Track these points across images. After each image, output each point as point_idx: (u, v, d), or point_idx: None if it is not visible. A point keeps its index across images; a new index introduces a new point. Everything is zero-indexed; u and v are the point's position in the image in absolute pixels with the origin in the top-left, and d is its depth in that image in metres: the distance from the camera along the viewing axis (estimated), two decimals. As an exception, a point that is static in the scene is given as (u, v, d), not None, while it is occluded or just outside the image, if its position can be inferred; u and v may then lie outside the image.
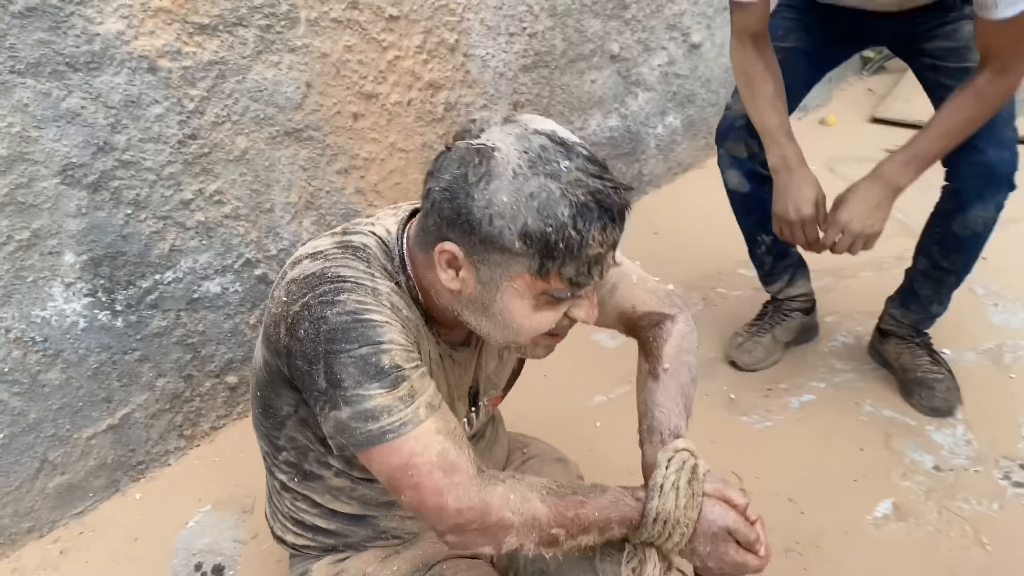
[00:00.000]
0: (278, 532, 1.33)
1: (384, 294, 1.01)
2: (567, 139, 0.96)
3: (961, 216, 1.81)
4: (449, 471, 0.97)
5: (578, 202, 0.92)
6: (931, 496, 1.79)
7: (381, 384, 0.96)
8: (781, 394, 2.12)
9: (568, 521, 1.01)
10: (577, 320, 1.04)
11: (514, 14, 2.38)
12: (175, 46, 1.59)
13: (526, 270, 0.95)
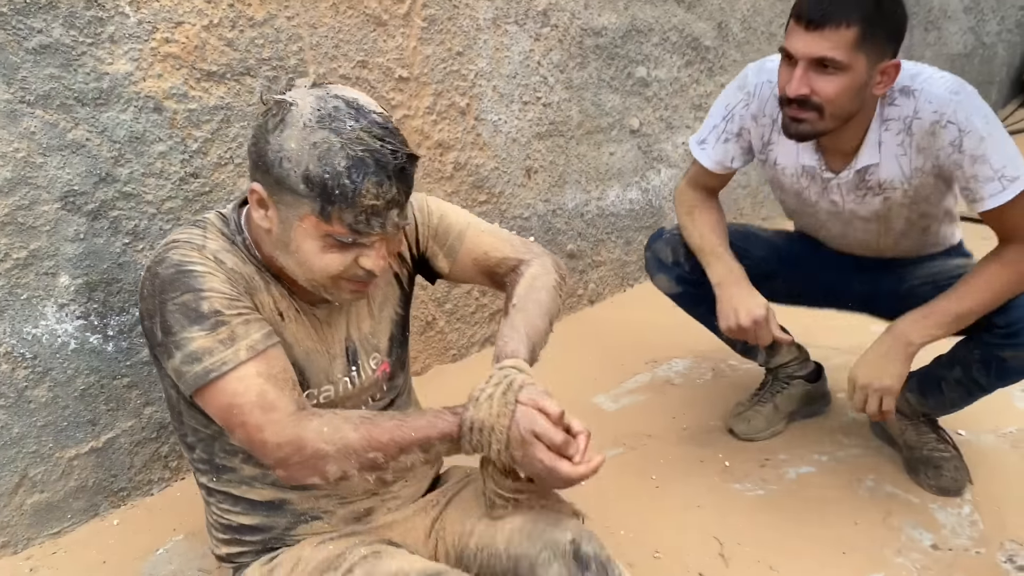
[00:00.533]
0: (215, 549, 1.36)
1: (211, 250, 1.15)
2: (364, 106, 1.10)
3: (1013, 351, 1.71)
4: (267, 409, 1.09)
5: (355, 155, 1.05)
6: (924, 573, 1.68)
7: (201, 327, 1.08)
8: (779, 464, 2.05)
9: (383, 445, 1.11)
10: (367, 268, 1.13)
11: (528, 84, 2.47)
12: (182, 89, 1.71)
13: (311, 212, 1.08)
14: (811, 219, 1.97)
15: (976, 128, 1.61)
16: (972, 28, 4.99)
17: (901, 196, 1.77)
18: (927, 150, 1.68)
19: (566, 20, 2.52)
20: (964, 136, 1.62)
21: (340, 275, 1.14)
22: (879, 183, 1.76)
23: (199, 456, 1.27)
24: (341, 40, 1.96)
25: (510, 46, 2.38)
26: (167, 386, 1.24)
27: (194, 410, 1.21)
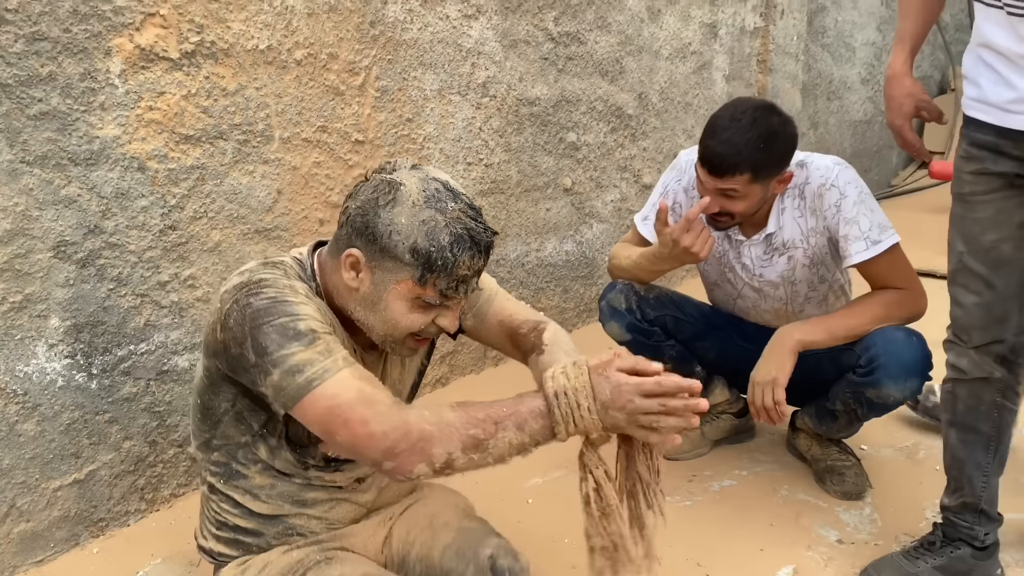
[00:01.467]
0: (202, 542, 1.51)
1: (301, 290, 1.28)
2: (456, 189, 1.29)
3: (875, 390, 1.98)
4: (369, 403, 1.17)
5: (456, 233, 1.23)
6: (831, 564, 1.91)
7: (300, 343, 1.20)
8: (704, 479, 2.28)
9: (480, 421, 1.18)
10: (442, 327, 1.32)
11: (471, 147, 2.74)
12: (163, 151, 1.91)
13: (410, 277, 1.25)
14: (729, 287, 2.25)
15: (851, 195, 1.97)
16: (870, 97, 5.50)
17: (802, 256, 2.08)
18: (817, 211, 2.02)
19: (503, 91, 2.80)
20: (843, 199, 1.97)
21: (416, 333, 1.31)
22: (783, 243, 2.08)
23: (217, 459, 1.41)
24: (304, 108, 2.19)
25: (454, 113, 2.64)
26: (215, 398, 1.34)
27: (239, 423, 1.35)
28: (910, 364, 1.94)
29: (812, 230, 2.05)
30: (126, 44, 1.80)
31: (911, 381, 1.95)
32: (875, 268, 2.00)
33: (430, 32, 2.50)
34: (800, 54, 4.39)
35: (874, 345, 1.96)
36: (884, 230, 1.97)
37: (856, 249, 1.97)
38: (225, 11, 1.97)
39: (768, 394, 1.95)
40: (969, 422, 1.76)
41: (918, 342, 1.96)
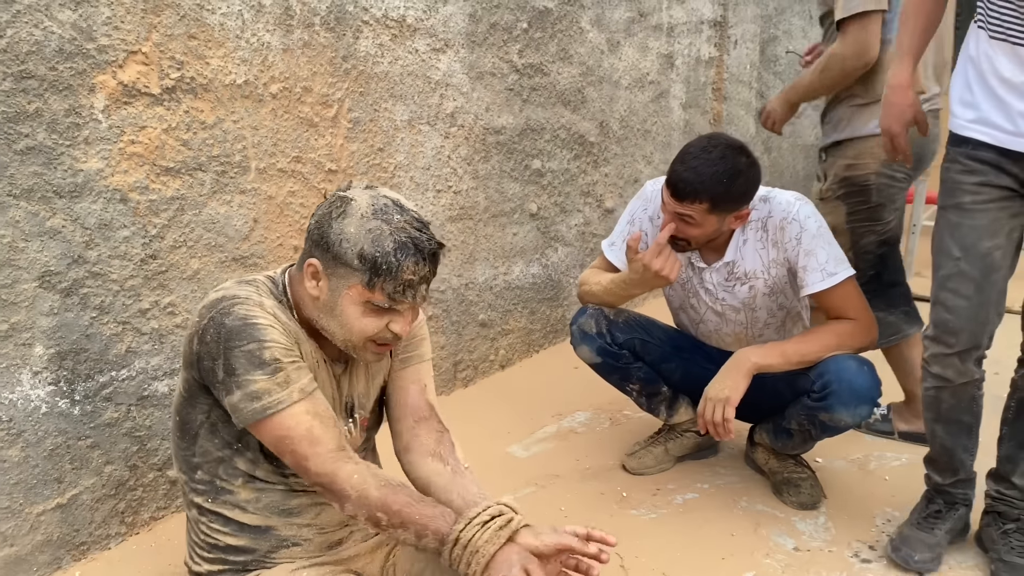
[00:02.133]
0: (195, 568, 1.55)
1: (268, 306, 1.39)
2: (404, 205, 1.38)
3: (828, 414, 2.11)
4: (313, 443, 1.33)
5: (400, 240, 1.32)
6: (787, 570, 2.02)
7: (263, 372, 1.32)
8: (668, 493, 2.38)
9: (391, 512, 1.32)
10: (395, 332, 1.39)
11: (440, 175, 2.83)
12: (144, 183, 1.97)
13: (359, 282, 1.34)
14: (692, 312, 2.37)
15: (811, 228, 2.11)
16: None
17: (763, 285, 2.20)
18: (779, 244, 2.15)
19: (471, 121, 2.91)
20: (803, 232, 2.11)
21: (372, 337, 1.39)
22: (744, 273, 2.20)
23: (200, 477, 1.48)
24: (279, 139, 2.27)
25: (424, 143, 2.74)
26: (192, 411, 1.44)
27: (214, 436, 1.43)
28: (861, 391, 2.06)
29: (773, 261, 2.17)
30: (109, 81, 1.87)
31: (861, 407, 2.07)
32: (830, 298, 2.13)
33: (400, 65, 2.60)
34: (753, 82, 4.57)
35: (828, 372, 2.09)
36: (840, 263, 2.11)
37: (813, 280, 2.10)
38: (204, 48, 2.04)
39: (719, 411, 2.06)
40: (953, 417, 1.96)
41: (868, 371, 2.09)
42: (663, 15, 3.84)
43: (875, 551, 2.09)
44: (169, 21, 1.96)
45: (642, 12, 3.69)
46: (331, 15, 2.35)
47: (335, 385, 1.52)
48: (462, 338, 3.08)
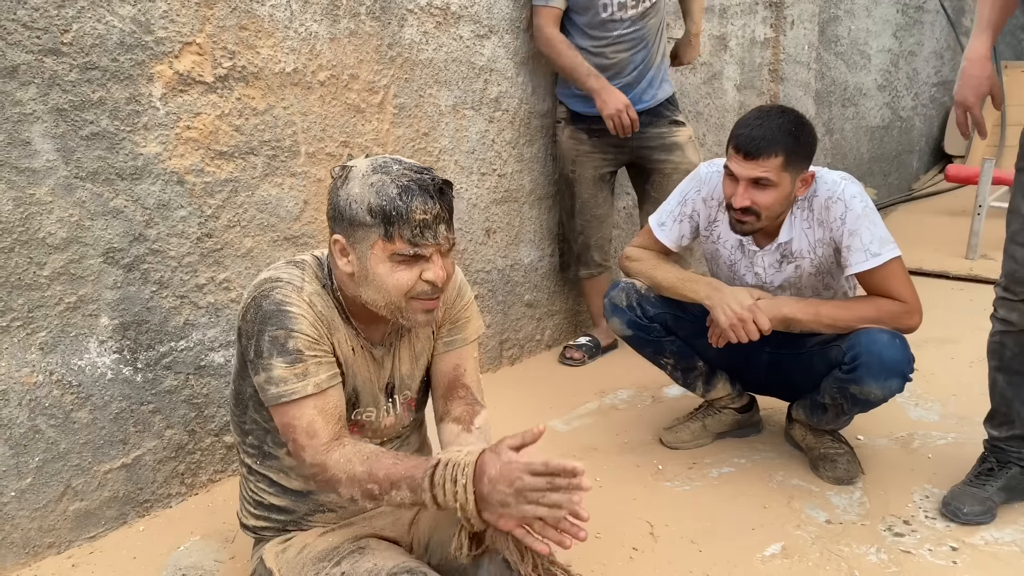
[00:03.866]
0: (243, 520, 1.68)
1: (307, 292, 1.45)
2: (403, 159, 1.43)
3: (857, 386, 2.11)
4: (311, 436, 1.42)
5: (402, 185, 1.36)
6: (817, 541, 2.03)
7: (284, 360, 1.40)
8: (704, 467, 2.41)
9: (379, 480, 1.38)
10: (429, 280, 1.40)
11: (485, 158, 2.91)
12: (199, 166, 2.11)
13: (378, 236, 1.37)
14: None
15: (856, 208, 2.11)
16: (888, 103, 5.58)
17: (808, 265, 2.21)
18: (824, 223, 2.15)
19: (515, 105, 2.98)
20: (848, 212, 2.11)
21: (410, 293, 1.40)
22: (792, 253, 2.21)
23: (251, 442, 1.60)
24: (327, 125, 2.39)
25: (468, 127, 2.82)
26: (242, 383, 1.54)
27: (261, 408, 1.52)
28: (891, 364, 2.06)
29: (819, 241, 2.18)
30: (166, 70, 2.01)
31: (892, 380, 2.07)
32: (874, 279, 2.13)
33: (444, 52, 2.68)
34: (812, 62, 4.51)
35: (858, 344, 2.09)
36: (885, 243, 2.10)
37: (857, 260, 2.10)
38: (254, 38, 2.17)
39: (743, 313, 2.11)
40: (1015, 367, 2.08)
41: (900, 344, 2.08)
42: (715, -4, 3.83)
43: (909, 525, 2.09)
44: (221, 13, 2.09)
45: (692, -6, 3.69)
46: (376, 4, 2.45)
47: (373, 370, 1.57)
48: (508, 318, 3.16)
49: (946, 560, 1.95)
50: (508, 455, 1.29)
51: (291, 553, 1.58)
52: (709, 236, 2.36)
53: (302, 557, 1.55)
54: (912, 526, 2.09)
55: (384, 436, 1.64)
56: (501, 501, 1.28)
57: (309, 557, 1.55)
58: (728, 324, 2.11)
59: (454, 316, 1.68)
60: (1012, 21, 7.20)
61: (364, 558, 1.49)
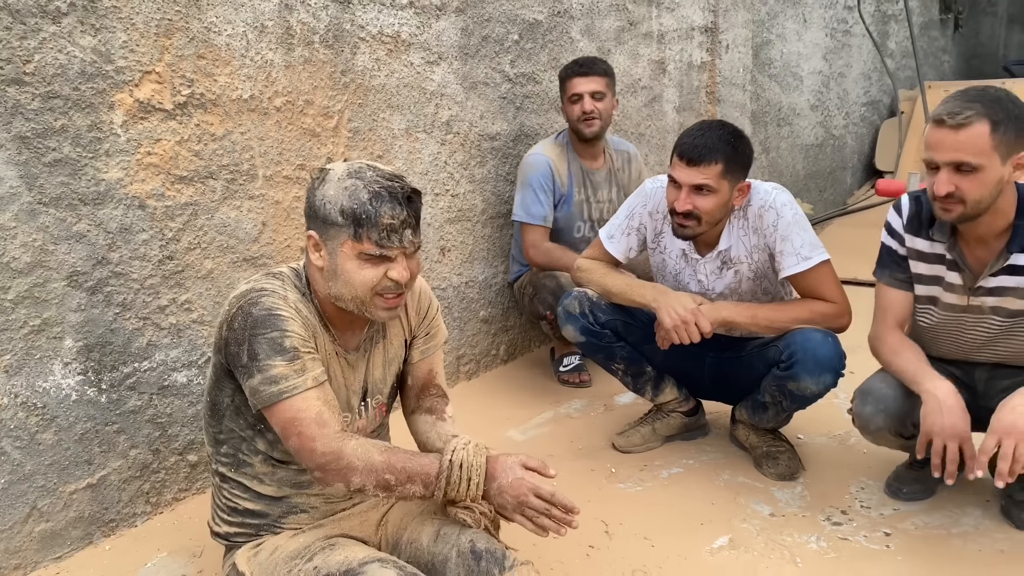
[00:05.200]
0: (215, 528, 1.74)
1: (291, 300, 1.55)
2: (377, 166, 1.53)
3: (794, 383, 2.26)
4: (321, 425, 1.48)
5: (374, 191, 1.47)
6: (762, 533, 2.16)
7: (283, 358, 1.48)
8: (654, 468, 2.53)
9: (397, 471, 1.49)
10: (393, 279, 1.51)
11: (438, 179, 3.02)
12: (160, 190, 2.17)
13: (348, 236, 1.48)
14: None
15: (787, 215, 2.27)
16: (821, 122, 5.84)
17: (747, 270, 2.36)
18: (759, 230, 2.31)
19: (466, 128, 3.09)
20: (780, 219, 2.26)
21: (375, 289, 1.51)
22: (731, 259, 2.36)
23: (226, 451, 1.66)
24: (284, 148, 2.46)
25: (421, 149, 2.92)
26: (219, 394, 1.61)
27: (238, 417, 1.60)
28: (824, 361, 2.21)
29: (755, 247, 2.32)
30: (127, 98, 2.07)
31: (825, 376, 2.22)
32: (806, 282, 2.28)
33: (396, 78, 2.79)
34: (747, 84, 4.72)
35: (793, 343, 2.24)
36: (815, 248, 2.25)
37: (789, 263, 2.25)
38: (212, 67, 2.24)
39: (685, 315, 2.23)
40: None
41: (832, 342, 2.23)
42: (653, 23, 4.01)
43: (846, 515, 2.23)
44: (179, 43, 2.16)
45: (632, 21, 3.86)
46: (329, 33, 2.55)
47: (347, 375, 1.67)
48: (464, 333, 3.25)
49: (880, 545, 2.09)
50: (520, 472, 1.52)
51: (263, 555, 1.64)
52: (656, 248, 2.49)
53: (274, 558, 1.62)
54: (849, 515, 2.22)
55: None
56: (502, 504, 1.53)
57: (281, 557, 1.61)
58: (672, 326, 2.23)
59: (427, 327, 1.81)
60: (934, 44, 7.60)
61: (335, 552, 1.56)
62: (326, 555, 1.58)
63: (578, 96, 3.06)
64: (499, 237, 3.33)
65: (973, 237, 2.00)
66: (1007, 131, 1.82)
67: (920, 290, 2.13)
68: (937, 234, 2.04)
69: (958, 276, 2.05)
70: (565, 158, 3.17)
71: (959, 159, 1.84)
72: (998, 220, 1.95)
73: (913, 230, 2.10)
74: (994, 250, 1.98)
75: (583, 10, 3.56)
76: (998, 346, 2.10)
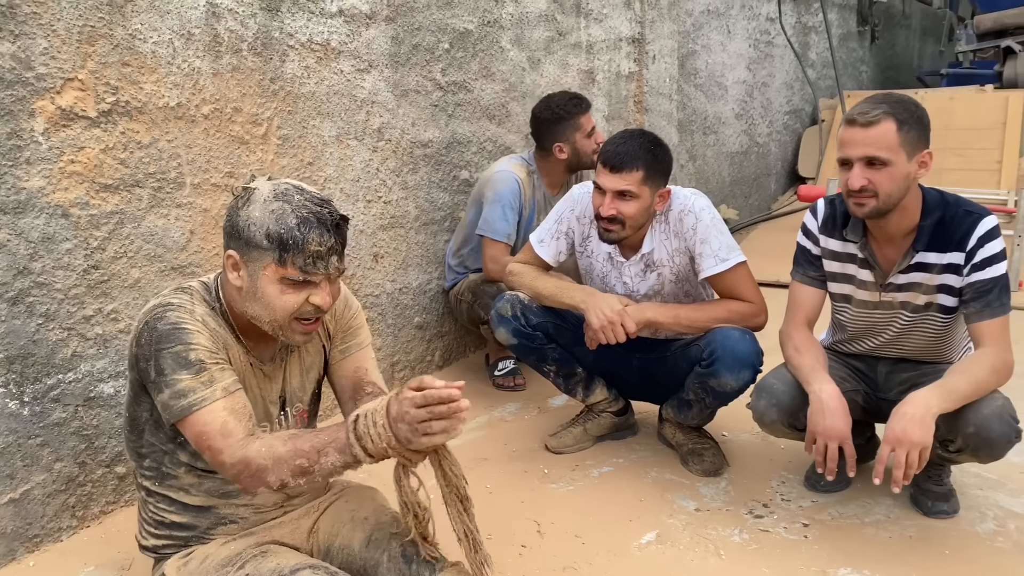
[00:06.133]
0: (142, 541, 1.73)
1: (199, 314, 1.54)
2: (304, 187, 1.52)
3: (715, 379, 2.34)
4: (226, 436, 1.46)
5: (302, 216, 1.46)
6: (688, 527, 2.23)
7: (188, 372, 1.47)
8: (586, 468, 2.59)
9: (305, 452, 1.43)
10: (315, 304, 1.50)
11: (370, 186, 3.03)
12: (84, 199, 2.14)
13: (272, 261, 1.47)
14: None
15: (705, 219, 2.37)
16: (745, 131, 6.02)
17: (669, 272, 2.44)
18: (679, 234, 2.39)
19: (397, 135, 3.11)
20: (699, 223, 2.36)
21: (295, 313, 1.50)
22: (654, 262, 2.44)
23: (149, 464, 1.65)
24: (212, 156, 2.45)
25: (352, 157, 2.94)
26: (138, 409, 1.59)
27: (158, 431, 1.59)
28: (743, 357, 2.30)
29: (676, 250, 2.41)
30: (48, 106, 2.04)
31: (744, 372, 2.31)
32: (724, 283, 2.37)
33: (326, 85, 2.80)
34: (674, 94, 4.85)
35: (714, 341, 2.33)
36: (732, 250, 2.35)
37: (708, 265, 2.34)
38: (137, 74, 2.22)
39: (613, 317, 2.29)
40: None
41: (750, 340, 2.33)
42: (582, 34, 4.10)
43: (768, 508, 2.32)
44: (103, 50, 2.14)
45: (561, 32, 3.94)
46: (258, 41, 2.55)
47: (263, 386, 1.66)
48: (398, 340, 3.27)
49: (799, 535, 2.18)
50: (403, 395, 1.36)
51: (193, 565, 1.63)
52: (584, 252, 2.55)
53: (205, 567, 1.61)
54: (770, 508, 2.32)
55: None
56: (405, 437, 1.36)
57: (212, 565, 1.61)
58: (600, 326, 2.29)
59: (345, 326, 1.79)
60: (852, 54, 7.90)
61: (267, 559, 1.57)
62: (258, 562, 1.58)
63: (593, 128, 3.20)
64: (432, 244, 3.36)
65: (883, 237, 2.12)
66: (911, 130, 1.97)
67: (835, 288, 2.25)
68: (850, 234, 2.15)
69: (870, 274, 2.16)
70: (531, 183, 3.23)
71: (870, 154, 1.97)
72: (905, 220, 2.07)
73: (827, 231, 2.21)
74: (902, 249, 2.11)
75: (513, 20, 3.62)
76: (903, 341, 2.24)
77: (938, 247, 2.06)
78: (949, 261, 2.06)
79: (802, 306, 2.26)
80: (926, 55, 10.14)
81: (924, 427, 1.86)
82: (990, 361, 1.99)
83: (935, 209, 2.06)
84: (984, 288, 2.02)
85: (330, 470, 1.44)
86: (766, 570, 2.04)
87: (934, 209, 2.06)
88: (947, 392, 1.93)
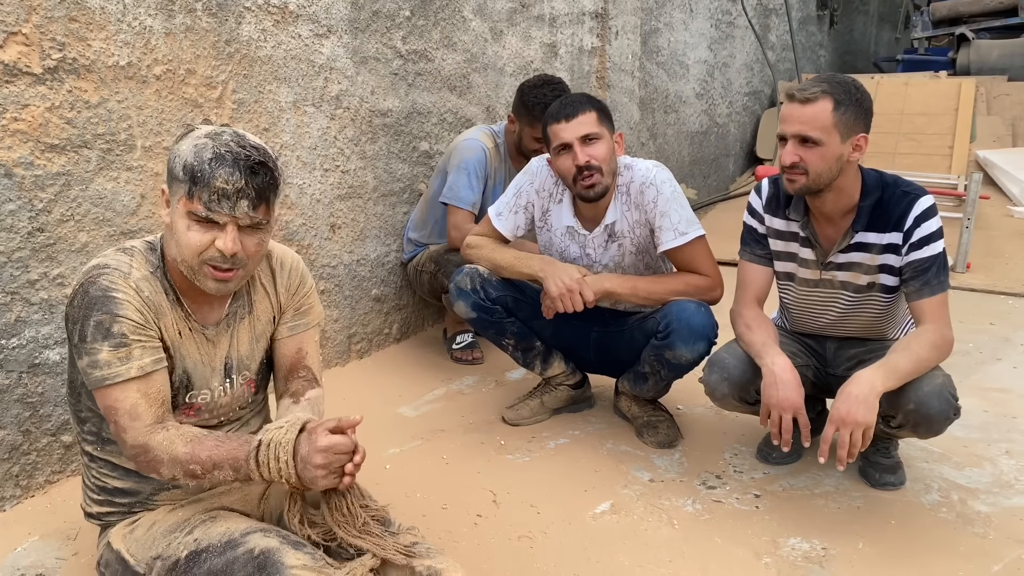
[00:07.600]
0: (86, 508, 1.68)
1: (134, 278, 1.50)
2: (245, 135, 1.49)
3: (671, 351, 2.36)
4: (133, 418, 1.47)
5: (218, 152, 1.44)
6: (642, 498, 2.25)
7: (109, 343, 1.45)
8: (542, 439, 2.59)
9: (202, 461, 1.48)
10: (220, 249, 1.46)
11: (327, 155, 2.98)
12: (29, 159, 2.07)
13: (183, 193, 1.44)
14: None
15: (666, 192, 2.37)
16: (706, 111, 6.05)
17: (630, 244, 2.44)
18: (640, 206, 2.39)
19: (356, 103, 3.06)
20: (660, 195, 2.35)
21: (201, 255, 1.47)
22: (616, 233, 2.44)
23: (89, 429, 1.61)
24: (164, 119, 2.39)
25: (309, 124, 2.88)
26: (75, 371, 1.56)
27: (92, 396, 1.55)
28: (698, 329, 2.32)
29: (636, 222, 2.41)
30: (-10, 60, 1.96)
31: (699, 344, 2.33)
32: (683, 256, 2.38)
33: (283, 49, 2.73)
34: (636, 71, 4.84)
35: (670, 313, 2.34)
36: (691, 224, 2.36)
37: (667, 238, 2.35)
38: (85, 31, 2.15)
39: (572, 285, 2.30)
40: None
41: (706, 312, 2.35)
42: (545, 6, 4.06)
43: (720, 479, 2.35)
44: (49, 4, 2.06)
45: (524, 3, 3.90)
46: (212, 1, 2.47)
47: (205, 351, 1.62)
48: (356, 312, 3.24)
49: (750, 506, 2.22)
50: (316, 438, 1.45)
51: (140, 532, 1.60)
52: (543, 226, 2.54)
53: (152, 533, 1.58)
54: (723, 479, 2.35)
55: (222, 417, 1.69)
56: (312, 479, 1.46)
57: (159, 531, 1.58)
58: (558, 294, 2.29)
59: (297, 303, 1.76)
60: (812, 38, 7.97)
61: (216, 524, 1.55)
62: (207, 527, 1.56)
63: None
64: (391, 215, 3.33)
65: (822, 216, 2.15)
66: (847, 111, 1.99)
67: (779, 266, 2.28)
68: (793, 213, 2.18)
69: (811, 252, 2.19)
70: (500, 156, 3.19)
71: (803, 132, 1.99)
72: (843, 199, 2.10)
73: (771, 210, 2.24)
74: (841, 228, 2.14)
75: (475, -10, 3.57)
76: (848, 321, 2.28)
77: (877, 227, 2.10)
78: (889, 241, 2.10)
79: (751, 284, 2.28)
80: (883, 41, 10.29)
81: (868, 407, 1.90)
82: (931, 338, 2.03)
83: (874, 190, 2.09)
84: (922, 267, 2.06)
85: (221, 481, 1.52)
86: (718, 539, 2.07)
87: (873, 190, 2.09)
88: (890, 370, 1.97)
